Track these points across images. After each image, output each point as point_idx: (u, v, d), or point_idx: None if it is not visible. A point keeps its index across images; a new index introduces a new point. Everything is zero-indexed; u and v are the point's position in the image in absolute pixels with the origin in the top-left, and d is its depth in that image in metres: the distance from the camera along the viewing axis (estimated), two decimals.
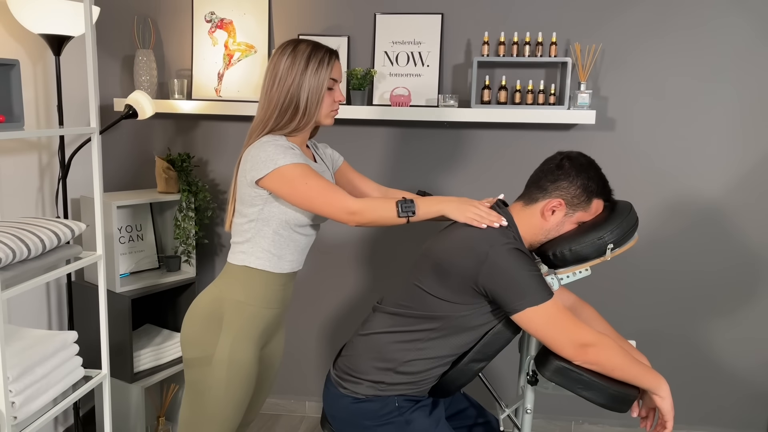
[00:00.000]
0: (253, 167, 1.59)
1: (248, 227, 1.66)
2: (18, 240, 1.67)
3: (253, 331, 1.70)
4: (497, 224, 1.54)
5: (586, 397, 1.50)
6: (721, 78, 2.51)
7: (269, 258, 1.67)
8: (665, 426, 1.55)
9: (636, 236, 1.62)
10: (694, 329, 2.68)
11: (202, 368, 1.68)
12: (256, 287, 1.68)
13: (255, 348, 1.71)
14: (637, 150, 2.59)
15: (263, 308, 1.70)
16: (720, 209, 2.59)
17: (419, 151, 2.69)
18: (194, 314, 1.71)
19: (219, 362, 1.66)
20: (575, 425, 2.81)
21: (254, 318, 1.69)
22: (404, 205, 1.56)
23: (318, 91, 1.65)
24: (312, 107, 1.65)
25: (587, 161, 1.60)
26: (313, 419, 2.90)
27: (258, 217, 1.65)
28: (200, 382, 1.68)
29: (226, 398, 1.67)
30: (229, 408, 1.69)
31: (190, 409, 1.72)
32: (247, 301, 1.68)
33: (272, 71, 1.66)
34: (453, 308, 1.54)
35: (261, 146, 1.60)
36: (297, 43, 1.67)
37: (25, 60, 2.30)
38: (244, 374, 1.68)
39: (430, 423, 1.61)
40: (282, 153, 1.57)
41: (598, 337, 1.49)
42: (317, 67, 1.64)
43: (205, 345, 1.67)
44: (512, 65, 2.58)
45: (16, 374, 1.68)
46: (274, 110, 1.64)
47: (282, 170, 1.56)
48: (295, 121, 1.65)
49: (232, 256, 1.71)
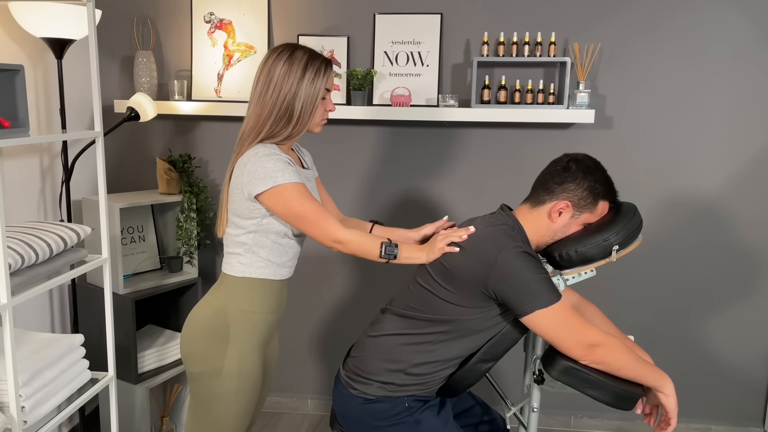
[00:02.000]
0: (251, 181, 1.59)
1: (246, 239, 1.66)
2: (26, 245, 1.67)
3: (259, 338, 1.71)
4: (465, 235, 1.57)
5: (592, 395, 1.53)
6: (718, 77, 2.54)
7: (269, 266, 1.69)
8: (669, 423, 1.58)
9: (640, 237, 1.65)
10: (691, 324, 2.72)
11: (210, 381, 1.67)
12: (259, 295, 1.70)
13: (261, 355, 1.73)
14: (634, 148, 2.62)
15: (266, 314, 1.72)
16: (716, 206, 2.62)
17: (419, 150, 2.71)
18: (196, 328, 1.69)
19: (228, 374, 1.66)
20: (574, 419, 2.85)
21: (259, 325, 1.70)
22: (388, 248, 1.60)
23: (313, 101, 1.66)
24: (306, 116, 1.66)
25: (593, 163, 1.63)
26: (315, 417, 2.92)
27: (257, 230, 1.65)
28: (208, 395, 1.68)
29: (237, 408, 1.69)
30: (239, 416, 1.70)
31: (198, 420, 1.72)
32: (252, 309, 1.69)
33: (267, 76, 1.65)
34: (462, 312, 1.56)
35: (259, 160, 1.59)
36: (293, 49, 1.66)
37: (26, 63, 2.29)
38: (253, 382, 1.70)
39: (439, 422, 1.63)
40: (281, 170, 1.58)
41: (604, 337, 1.52)
42: (314, 77, 1.64)
43: (212, 358, 1.66)
44: (511, 65, 2.59)
45: (25, 378, 1.68)
46: (268, 117, 1.64)
47: (281, 188, 1.57)
48: (288, 128, 1.65)
49: (230, 267, 1.70)
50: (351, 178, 2.77)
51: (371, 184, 2.76)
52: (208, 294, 1.74)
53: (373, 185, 2.76)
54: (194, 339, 1.69)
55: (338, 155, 2.75)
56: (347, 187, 2.78)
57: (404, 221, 2.76)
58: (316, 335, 2.92)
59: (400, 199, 2.76)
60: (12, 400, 1.60)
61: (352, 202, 2.78)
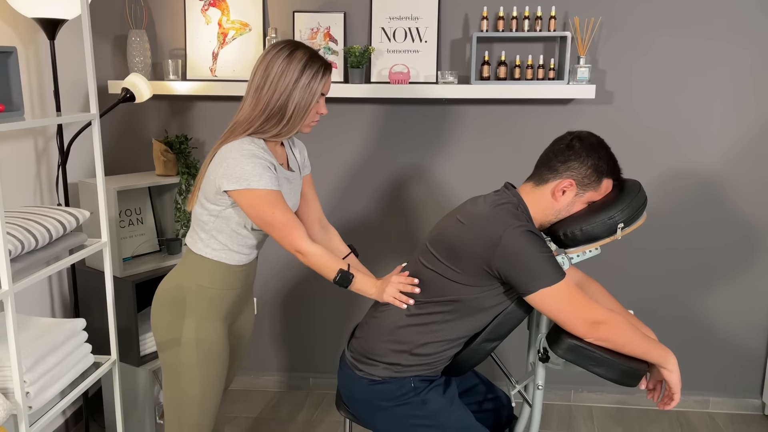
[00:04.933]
0: (225, 175, 1.59)
1: (207, 220, 1.69)
2: (25, 231, 1.65)
3: (217, 312, 1.74)
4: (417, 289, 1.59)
5: (597, 373, 1.54)
6: (719, 49, 2.52)
7: (226, 251, 1.71)
8: (672, 398, 1.60)
9: (645, 215, 1.64)
10: (690, 298, 2.74)
11: (172, 349, 1.73)
12: (217, 274, 1.72)
13: (221, 326, 1.75)
14: (634, 123, 2.60)
15: (224, 290, 1.74)
16: (717, 180, 2.62)
17: (418, 128, 2.69)
18: (159, 300, 1.76)
19: (187, 342, 1.71)
20: (574, 393, 2.88)
21: (216, 300, 1.73)
22: (343, 277, 1.61)
23: (307, 104, 1.65)
24: (297, 118, 1.65)
25: (597, 141, 1.61)
26: (318, 395, 2.94)
27: (218, 215, 1.67)
28: (174, 363, 1.74)
29: (202, 377, 1.73)
30: (207, 385, 1.74)
31: (171, 390, 1.77)
32: (208, 285, 1.71)
33: (265, 70, 1.64)
34: (466, 291, 1.56)
35: (240, 159, 1.58)
36: (294, 47, 1.65)
37: (18, 45, 2.25)
38: (215, 351, 1.74)
39: (444, 401, 1.64)
40: (258, 175, 1.57)
41: (608, 314, 1.52)
42: (310, 80, 1.63)
43: (172, 328, 1.72)
44: (511, 40, 2.56)
45: (29, 364, 1.68)
46: (261, 113, 1.64)
47: (254, 192, 1.58)
48: (278, 128, 1.65)
49: (192, 242, 1.73)
50: (349, 157, 2.75)
51: (369, 164, 2.74)
52: (173, 268, 1.79)
53: (372, 164, 2.74)
54: (157, 310, 1.76)
55: (336, 134, 2.72)
56: (344, 166, 2.75)
57: (403, 202, 2.75)
58: (321, 313, 2.92)
59: (399, 179, 2.75)
60: (17, 386, 1.60)
61: (349, 182, 2.76)
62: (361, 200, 2.78)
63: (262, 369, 2.99)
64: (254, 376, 2.99)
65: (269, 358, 2.98)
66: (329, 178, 2.76)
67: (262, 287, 2.88)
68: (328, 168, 2.75)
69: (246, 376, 2.98)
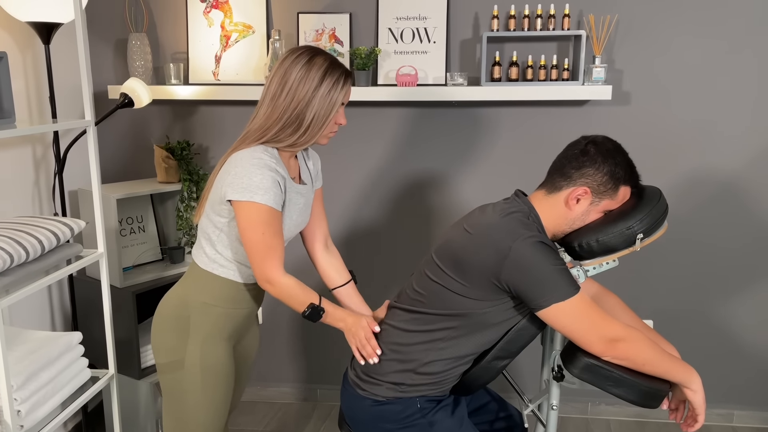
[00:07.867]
0: (231, 184, 1.52)
1: (212, 232, 1.61)
2: (15, 243, 1.60)
3: (222, 332, 1.65)
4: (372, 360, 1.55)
5: (616, 394, 1.45)
6: (741, 49, 2.40)
7: (233, 267, 1.63)
8: (696, 419, 1.50)
9: (666, 224, 1.54)
10: (712, 306, 2.63)
11: (175, 373, 1.64)
12: (223, 291, 1.64)
13: (227, 347, 1.67)
14: (653, 125, 2.50)
15: (231, 309, 1.65)
16: (740, 185, 2.51)
17: (427, 132, 2.60)
18: (160, 318, 1.66)
19: (191, 366, 1.62)
20: (592, 406, 2.78)
21: (222, 318, 1.64)
22: (312, 312, 1.56)
23: (326, 114, 1.57)
24: (315, 128, 1.57)
25: (614, 146, 1.52)
26: (326, 407, 2.86)
27: (224, 229, 1.60)
28: (176, 388, 1.65)
29: (206, 401, 1.64)
30: (211, 410, 1.66)
31: (172, 416, 1.68)
32: (214, 303, 1.63)
33: (282, 77, 1.55)
34: (475, 305, 1.47)
35: (249, 167, 1.51)
36: (314, 54, 1.57)
37: (13, 49, 2.19)
38: (221, 375, 1.65)
39: (453, 423, 1.55)
40: (264, 189, 1.50)
41: (627, 331, 1.43)
42: (331, 88, 1.55)
43: (175, 349, 1.63)
44: (523, 39, 2.47)
45: (20, 381, 1.63)
46: (277, 121, 1.55)
47: (254, 206, 1.50)
48: (294, 137, 1.57)
49: (198, 256, 1.65)
50: (356, 162, 2.67)
51: (377, 169, 2.66)
52: (177, 283, 1.70)
53: (379, 170, 2.66)
54: (158, 329, 1.67)
55: (341, 139, 2.64)
56: (352, 171, 2.68)
57: (411, 207, 2.67)
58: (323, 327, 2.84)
59: (408, 184, 2.67)
60: (5, 405, 1.54)
61: (357, 187, 2.69)
62: (368, 205, 2.70)
63: (268, 380, 2.92)
64: (261, 387, 2.92)
65: (276, 369, 2.91)
66: (335, 184, 2.69)
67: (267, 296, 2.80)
68: (334, 175, 2.67)
69: (252, 387, 2.91)
